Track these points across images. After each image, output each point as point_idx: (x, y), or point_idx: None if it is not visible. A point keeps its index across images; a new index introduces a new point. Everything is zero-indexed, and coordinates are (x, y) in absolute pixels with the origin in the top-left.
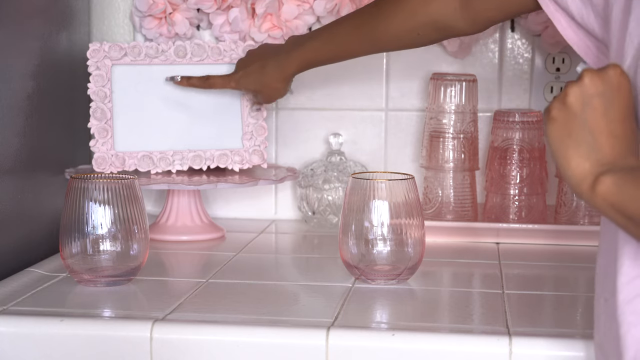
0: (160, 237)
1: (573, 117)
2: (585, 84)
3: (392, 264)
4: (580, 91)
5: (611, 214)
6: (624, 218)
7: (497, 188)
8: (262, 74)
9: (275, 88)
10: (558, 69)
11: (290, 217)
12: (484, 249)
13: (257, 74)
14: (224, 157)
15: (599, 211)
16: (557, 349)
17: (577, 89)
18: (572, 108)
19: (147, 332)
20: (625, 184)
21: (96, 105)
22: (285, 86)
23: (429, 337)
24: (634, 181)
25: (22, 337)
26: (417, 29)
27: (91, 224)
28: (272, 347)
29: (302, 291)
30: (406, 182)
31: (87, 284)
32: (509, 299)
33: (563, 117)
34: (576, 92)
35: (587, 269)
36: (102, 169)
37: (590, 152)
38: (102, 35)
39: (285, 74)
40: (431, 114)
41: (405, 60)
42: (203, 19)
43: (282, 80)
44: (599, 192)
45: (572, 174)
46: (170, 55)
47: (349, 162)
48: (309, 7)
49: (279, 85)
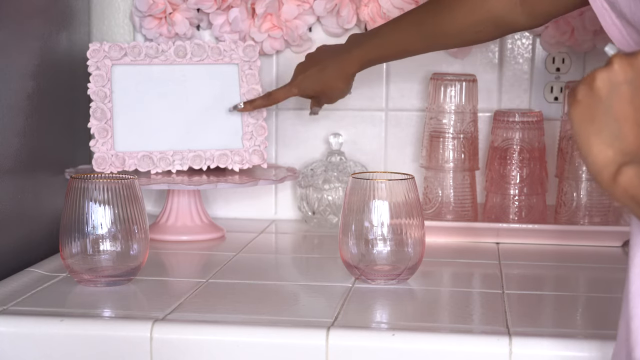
0: (160, 237)
1: (598, 102)
2: (615, 69)
3: (392, 264)
4: (608, 77)
5: (631, 205)
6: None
7: (497, 188)
8: (323, 74)
9: (337, 88)
10: (558, 69)
11: (290, 217)
12: (484, 249)
13: (318, 76)
14: (224, 157)
15: (617, 200)
16: (557, 349)
17: (605, 74)
18: (598, 93)
19: (147, 332)
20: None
21: (96, 105)
22: (348, 85)
23: (429, 337)
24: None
25: (22, 337)
26: (478, 25)
27: (91, 224)
28: (272, 347)
29: (302, 291)
30: (406, 182)
31: (87, 284)
32: (509, 299)
33: (588, 102)
34: (604, 77)
35: (587, 269)
36: (102, 169)
37: (614, 140)
38: (102, 35)
39: (347, 73)
40: (431, 114)
41: (405, 60)
42: (203, 19)
43: (344, 79)
44: (620, 182)
45: (594, 160)
46: (170, 55)
47: (349, 162)
48: (309, 7)
49: (341, 85)
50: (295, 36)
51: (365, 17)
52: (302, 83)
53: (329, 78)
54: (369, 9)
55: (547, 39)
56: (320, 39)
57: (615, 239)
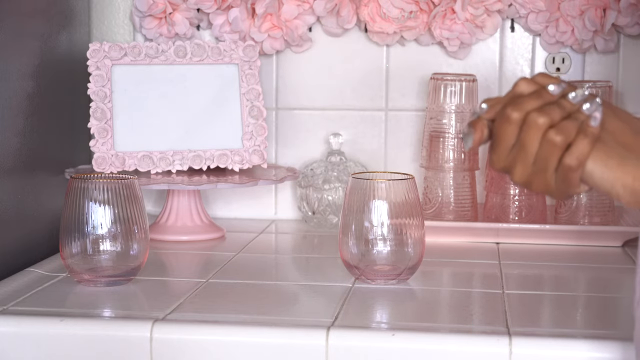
0: (160, 237)
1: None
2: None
3: (392, 264)
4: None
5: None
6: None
7: (497, 188)
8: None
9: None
10: (558, 69)
11: (290, 217)
12: (484, 249)
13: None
14: (224, 157)
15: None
16: (557, 349)
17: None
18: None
19: (147, 332)
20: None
21: (96, 105)
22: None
23: (429, 337)
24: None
25: (22, 337)
26: None
27: (91, 224)
28: (272, 347)
29: (302, 291)
30: (406, 182)
31: (87, 284)
32: (509, 299)
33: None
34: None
35: (587, 269)
36: (102, 169)
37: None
38: (102, 35)
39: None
40: (431, 114)
41: (405, 60)
42: (203, 19)
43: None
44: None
45: (632, 188)
46: (170, 55)
47: (349, 162)
48: (309, 7)
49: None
50: (295, 36)
51: (365, 17)
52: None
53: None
54: (369, 9)
55: (547, 39)
56: (320, 39)
57: (615, 239)
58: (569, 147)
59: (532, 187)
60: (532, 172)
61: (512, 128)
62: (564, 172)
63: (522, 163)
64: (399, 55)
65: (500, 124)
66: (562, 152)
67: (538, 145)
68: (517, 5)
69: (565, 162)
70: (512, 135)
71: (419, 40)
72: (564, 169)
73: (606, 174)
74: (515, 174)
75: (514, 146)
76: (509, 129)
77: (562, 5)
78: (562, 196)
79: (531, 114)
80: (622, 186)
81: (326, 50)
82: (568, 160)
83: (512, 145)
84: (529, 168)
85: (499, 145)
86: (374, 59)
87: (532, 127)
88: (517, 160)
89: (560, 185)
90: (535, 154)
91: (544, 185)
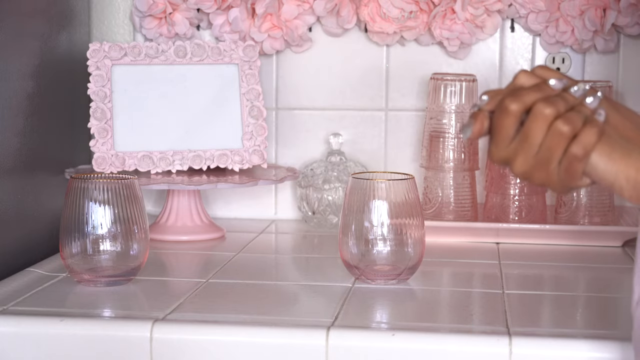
0: (160, 237)
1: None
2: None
3: (392, 264)
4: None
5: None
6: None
7: (497, 188)
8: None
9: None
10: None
11: (290, 217)
12: (484, 249)
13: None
14: (224, 157)
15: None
16: (557, 349)
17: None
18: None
19: (147, 332)
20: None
21: (96, 105)
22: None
23: (429, 337)
24: None
25: (22, 337)
26: None
27: (91, 224)
28: (272, 347)
29: (302, 291)
30: (406, 182)
31: (87, 284)
32: (509, 299)
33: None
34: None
35: (587, 269)
36: (102, 169)
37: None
38: (102, 35)
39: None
40: (431, 114)
41: (405, 60)
42: (203, 19)
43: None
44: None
45: (636, 181)
46: (170, 55)
47: (349, 162)
48: (309, 7)
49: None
50: (295, 36)
51: (365, 17)
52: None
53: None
54: (369, 9)
55: (547, 39)
56: (320, 39)
57: (615, 239)
58: (574, 138)
59: (532, 179)
60: (534, 163)
61: (510, 119)
62: (569, 162)
63: (525, 154)
64: (399, 55)
65: (499, 115)
66: (567, 143)
67: (543, 136)
68: (517, 5)
69: (572, 151)
70: (511, 127)
71: (419, 40)
72: (569, 159)
73: (610, 166)
74: (516, 166)
75: (515, 137)
76: (508, 120)
77: (562, 5)
78: (563, 189)
79: (537, 105)
80: (625, 178)
81: (326, 50)
82: (575, 149)
83: (511, 137)
84: (531, 159)
85: (497, 136)
86: (374, 59)
87: (539, 118)
88: (519, 151)
89: (563, 177)
90: (539, 145)
91: (546, 177)
